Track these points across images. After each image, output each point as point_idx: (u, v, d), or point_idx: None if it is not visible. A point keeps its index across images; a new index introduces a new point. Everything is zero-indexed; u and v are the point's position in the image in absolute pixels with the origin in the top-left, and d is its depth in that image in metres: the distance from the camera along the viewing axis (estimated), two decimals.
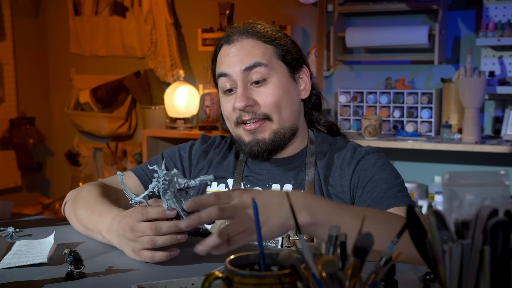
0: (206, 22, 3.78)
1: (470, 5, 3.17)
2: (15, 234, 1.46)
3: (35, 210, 4.16)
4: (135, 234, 1.20)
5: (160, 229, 1.17)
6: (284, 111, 1.46)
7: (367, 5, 3.24)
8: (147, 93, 4.02)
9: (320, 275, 0.75)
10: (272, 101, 1.45)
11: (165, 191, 1.17)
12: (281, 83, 1.47)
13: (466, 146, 2.90)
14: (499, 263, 0.72)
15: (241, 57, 1.46)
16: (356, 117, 3.32)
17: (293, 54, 1.51)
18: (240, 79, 1.45)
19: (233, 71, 1.46)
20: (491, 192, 0.80)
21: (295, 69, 1.52)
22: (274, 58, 1.47)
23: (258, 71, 1.45)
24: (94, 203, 1.41)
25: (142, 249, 1.20)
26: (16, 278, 1.15)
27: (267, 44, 1.47)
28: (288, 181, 1.49)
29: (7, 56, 4.27)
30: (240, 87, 1.45)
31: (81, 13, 4.34)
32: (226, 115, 1.51)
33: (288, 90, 1.48)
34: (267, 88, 1.45)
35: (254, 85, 1.46)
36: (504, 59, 3.08)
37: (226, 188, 1.54)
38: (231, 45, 1.48)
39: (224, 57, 1.49)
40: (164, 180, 1.17)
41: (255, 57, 1.45)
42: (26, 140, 4.34)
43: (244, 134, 1.47)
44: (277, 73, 1.47)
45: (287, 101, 1.47)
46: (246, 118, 1.45)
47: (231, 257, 0.87)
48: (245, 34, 1.48)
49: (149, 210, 1.19)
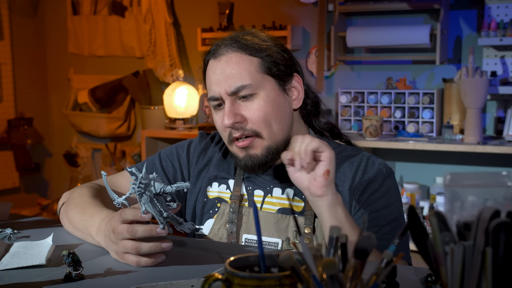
0: (205, 22, 3.77)
1: (472, 5, 3.16)
2: (13, 236, 1.46)
3: (33, 211, 4.14)
4: (116, 236, 1.22)
5: (135, 232, 1.19)
6: (274, 126, 1.43)
7: (368, 5, 3.23)
8: (146, 93, 4.01)
9: (320, 277, 0.75)
10: (260, 116, 1.41)
11: (141, 194, 1.18)
12: (269, 98, 1.43)
13: (468, 147, 2.89)
14: (501, 264, 0.72)
15: (226, 76, 1.42)
16: (357, 118, 3.31)
17: (280, 66, 1.45)
18: (227, 97, 1.43)
19: (220, 91, 1.43)
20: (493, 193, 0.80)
21: (284, 81, 1.47)
22: (259, 73, 1.43)
23: (244, 92, 1.42)
24: (85, 205, 1.42)
25: (125, 253, 1.22)
26: (14, 279, 1.15)
27: (253, 56, 1.43)
28: (289, 186, 1.48)
29: (5, 56, 4.26)
30: (227, 104, 1.42)
31: (80, 13, 4.33)
32: (219, 131, 1.50)
33: (277, 104, 1.44)
34: (254, 103, 1.42)
35: (242, 100, 1.43)
36: (506, 59, 3.07)
37: (227, 189, 1.53)
38: (216, 59, 1.45)
39: (211, 73, 1.46)
40: (140, 183, 1.17)
41: (239, 79, 1.41)
42: (24, 141, 4.33)
43: (237, 151, 1.46)
44: (264, 88, 1.43)
45: (276, 116, 1.43)
46: (236, 135, 1.43)
47: (230, 258, 0.87)
48: (230, 46, 1.44)
49: (126, 211, 1.21)
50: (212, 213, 1.51)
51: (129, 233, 1.19)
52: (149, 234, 1.19)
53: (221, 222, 1.49)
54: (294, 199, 1.46)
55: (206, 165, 1.58)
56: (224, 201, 1.51)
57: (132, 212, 1.20)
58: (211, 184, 1.55)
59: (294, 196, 1.47)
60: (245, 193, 1.50)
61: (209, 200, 1.53)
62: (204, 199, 1.54)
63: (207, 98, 1.48)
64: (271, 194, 1.49)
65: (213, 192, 1.54)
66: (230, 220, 1.47)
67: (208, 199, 1.53)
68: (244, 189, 1.51)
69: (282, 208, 1.46)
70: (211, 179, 1.55)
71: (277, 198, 1.48)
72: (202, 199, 1.54)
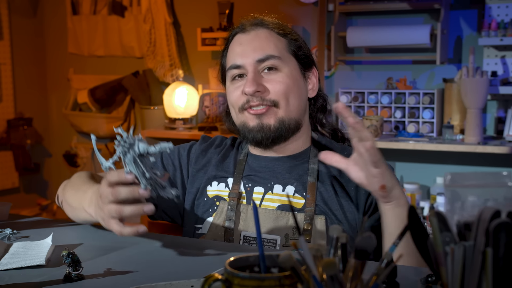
0: (205, 22, 3.76)
1: (472, 5, 3.15)
2: (13, 236, 1.45)
3: (33, 212, 4.14)
4: (103, 200, 1.23)
5: (119, 193, 1.19)
6: (292, 101, 1.47)
7: (368, 5, 3.23)
8: (146, 93, 4.01)
9: (320, 277, 0.75)
10: (281, 88, 1.46)
11: (124, 154, 1.19)
12: (291, 75, 1.49)
13: (468, 147, 2.89)
14: (502, 265, 0.72)
15: (255, 47, 1.48)
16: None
17: (304, 51, 1.53)
18: (252, 67, 1.47)
19: (246, 62, 1.47)
20: (494, 193, 0.80)
21: (305, 67, 1.54)
22: (286, 52, 1.50)
23: (270, 62, 1.47)
24: (81, 184, 1.48)
25: (111, 219, 1.22)
26: (13, 280, 1.14)
27: (280, 36, 1.51)
28: (290, 183, 1.49)
29: (4, 56, 4.25)
30: (250, 73, 1.46)
31: (79, 13, 4.33)
32: (232, 102, 1.51)
33: (297, 82, 1.50)
34: (278, 76, 1.47)
35: (265, 72, 1.47)
36: (506, 59, 3.06)
37: (226, 187, 1.54)
38: (245, 33, 1.51)
39: (237, 45, 1.51)
40: (124, 142, 1.19)
41: (268, 49, 1.47)
42: (24, 141, 4.33)
43: (249, 119, 1.48)
44: (288, 66, 1.49)
45: (295, 92, 1.49)
46: (253, 104, 1.46)
47: (230, 259, 0.87)
48: (260, 25, 1.52)
49: (111, 173, 1.22)
50: (211, 212, 1.52)
51: (113, 195, 1.20)
52: (131, 195, 1.19)
53: (219, 220, 1.49)
54: (295, 196, 1.47)
55: (204, 166, 1.59)
56: (223, 199, 1.52)
57: (117, 173, 1.21)
58: (210, 184, 1.55)
59: (295, 193, 1.47)
60: (243, 190, 1.51)
61: (208, 199, 1.53)
62: (204, 198, 1.54)
63: (227, 67, 1.51)
64: (272, 191, 1.49)
65: (212, 191, 1.54)
66: (228, 217, 1.47)
67: (208, 198, 1.54)
68: (242, 187, 1.51)
69: (282, 205, 1.46)
70: (210, 178, 1.56)
71: (278, 195, 1.48)
72: (201, 198, 1.54)
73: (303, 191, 1.46)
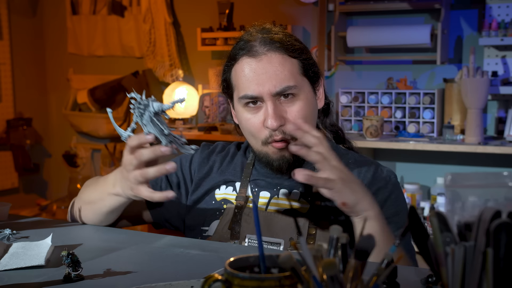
0: (205, 22, 3.76)
1: (473, 4, 3.15)
2: (12, 236, 1.45)
3: (32, 212, 4.13)
4: (127, 168, 1.25)
5: (141, 155, 1.23)
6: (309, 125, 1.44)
7: (368, 4, 3.23)
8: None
9: (321, 278, 0.75)
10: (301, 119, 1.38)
11: (141, 115, 1.22)
12: (308, 100, 1.42)
13: (469, 147, 2.88)
14: (502, 265, 0.72)
15: (270, 76, 1.38)
16: (358, 118, 3.30)
17: (314, 68, 1.46)
18: (270, 101, 1.39)
19: (262, 92, 1.38)
20: (494, 194, 0.80)
21: (315, 82, 1.47)
22: (300, 75, 1.41)
23: (288, 92, 1.39)
24: (96, 182, 1.49)
25: (139, 185, 1.26)
26: (13, 280, 1.14)
27: (293, 58, 1.41)
28: (296, 188, 1.48)
29: (4, 56, 4.25)
30: (271, 105, 1.38)
31: (79, 12, 4.32)
32: (253, 132, 1.43)
33: (313, 105, 1.45)
34: (296, 105, 1.40)
35: (283, 99, 1.40)
36: (507, 59, 3.06)
37: (233, 191, 1.53)
38: (256, 58, 1.39)
39: (249, 72, 1.40)
40: (139, 104, 1.22)
41: (284, 79, 1.38)
42: (23, 141, 4.32)
43: (274, 151, 1.42)
44: (304, 91, 1.42)
45: (311, 117, 1.44)
46: (277, 138, 1.39)
47: (230, 259, 0.86)
48: (269, 45, 1.40)
49: (132, 138, 1.25)
50: (218, 215, 1.51)
51: (136, 158, 1.23)
52: (154, 154, 1.22)
53: (225, 222, 1.49)
54: (300, 201, 1.46)
55: (208, 173, 1.58)
56: (230, 202, 1.52)
57: (137, 137, 1.24)
58: (219, 187, 1.55)
59: (300, 197, 1.47)
60: (250, 194, 1.51)
61: (216, 202, 1.53)
62: (212, 201, 1.54)
63: (241, 95, 1.42)
64: (278, 196, 1.48)
65: (220, 194, 1.54)
66: (234, 220, 1.46)
67: (216, 201, 1.54)
68: (249, 191, 1.51)
69: (287, 209, 1.46)
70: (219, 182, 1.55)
71: (284, 200, 1.48)
72: (209, 201, 1.54)
73: (308, 195, 1.46)
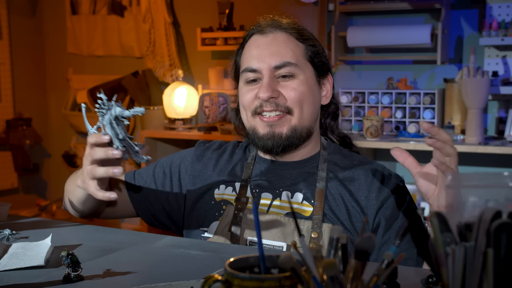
0: (205, 21, 3.76)
1: (473, 4, 3.15)
2: (12, 237, 1.45)
3: (32, 212, 4.13)
4: (84, 162, 1.32)
5: (95, 153, 1.28)
6: (306, 109, 1.46)
7: (368, 4, 3.22)
8: (145, 94, 4.00)
9: (321, 278, 0.75)
10: (296, 96, 1.44)
11: (103, 116, 1.28)
12: (307, 82, 1.47)
13: (469, 147, 2.88)
14: (503, 265, 0.72)
15: (272, 52, 1.45)
16: (358, 118, 3.29)
17: (321, 58, 1.51)
18: (268, 73, 1.44)
19: (262, 66, 1.45)
20: (495, 194, 0.80)
21: (321, 74, 1.52)
22: (303, 58, 1.47)
23: (287, 70, 1.45)
24: (75, 173, 1.55)
25: (89, 180, 1.30)
26: (12, 281, 1.14)
27: (299, 42, 1.48)
28: (299, 190, 1.47)
29: (3, 56, 4.25)
30: (266, 78, 1.44)
31: (79, 12, 4.32)
32: (245, 104, 1.49)
33: (312, 90, 1.48)
34: (293, 83, 1.45)
35: (281, 78, 1.45)
36: (507, 59, 3.06)
37: (233, 191, 1.52)
38: (263, 35, 1.48)
39: (254, 47, 1.48)
40: (103, 104, 1.27)
41: (285, 55, 1.45)
42: (23, 141, 4.32)
43: (260, 125, 1.46)
44: (304, 73, 1.47)
45: (310, 100, 1.47)
46: (267, 109, 1.44)
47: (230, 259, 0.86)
48: (278, 27, 1.48)
49: (92, 135, 1.29)
50: (217, 216, 1.50)
51: (90, 155, 1.28)
52: (105, 154, 1.26)
53: (225, 224, 1.47)
54: (303, 203, 1.45)
55: (202, 171, 1.57)
56: (230, 203, 1.50)
57: (96, 135, 1.28)
58: (218, 187, 1.54)
59: (303, 200, 1.46)
60: (250, 195, 1.49)
61: (215, 203, 1.52)
62: (211, 202, 1.52)
63: (242, 69, 1.49)
64: (280, 198, 1.47)
65: (219, 194, 1.53)
66: (234, 222, 1.45)
67: (215, 202, 1.52)
68: (249, 192, 1.50)
69: (289, 212, 1.45)
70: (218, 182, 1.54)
71: (286, 202, 1.47)
72: (208, 201, 1.53)
73: (311, 198, 1.45)
